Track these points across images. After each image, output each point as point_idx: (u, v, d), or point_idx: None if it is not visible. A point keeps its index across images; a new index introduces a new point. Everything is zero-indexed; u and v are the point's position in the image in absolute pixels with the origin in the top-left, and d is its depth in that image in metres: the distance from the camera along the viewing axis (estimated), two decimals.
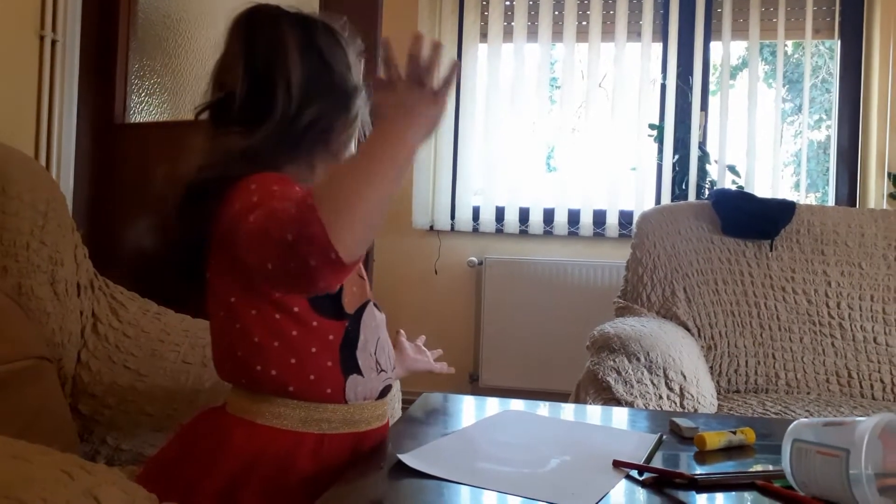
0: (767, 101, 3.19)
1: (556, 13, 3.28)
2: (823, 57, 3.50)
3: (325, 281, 0.84)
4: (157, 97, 2.45)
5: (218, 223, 0.94)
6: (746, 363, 2.22)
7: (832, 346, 2.22)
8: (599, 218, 3.20)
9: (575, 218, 3.22)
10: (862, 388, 2.16)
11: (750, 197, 2.55)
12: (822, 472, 0.79)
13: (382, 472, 0.89)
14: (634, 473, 0.90)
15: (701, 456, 1.01)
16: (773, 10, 3.14)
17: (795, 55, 3.46)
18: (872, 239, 2.33)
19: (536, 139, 3.29)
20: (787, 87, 3.35)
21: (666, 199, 3.16)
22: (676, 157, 3.17)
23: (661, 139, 3.19)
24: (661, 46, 3.23)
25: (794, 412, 1.90)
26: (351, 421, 0.99)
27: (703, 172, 3.17)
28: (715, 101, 3.22)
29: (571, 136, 3.30)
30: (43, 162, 2.01)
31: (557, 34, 3.28)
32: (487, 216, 3.29)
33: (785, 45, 3.18)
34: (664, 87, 3.20)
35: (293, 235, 0.78)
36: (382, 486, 0.87)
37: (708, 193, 3.10)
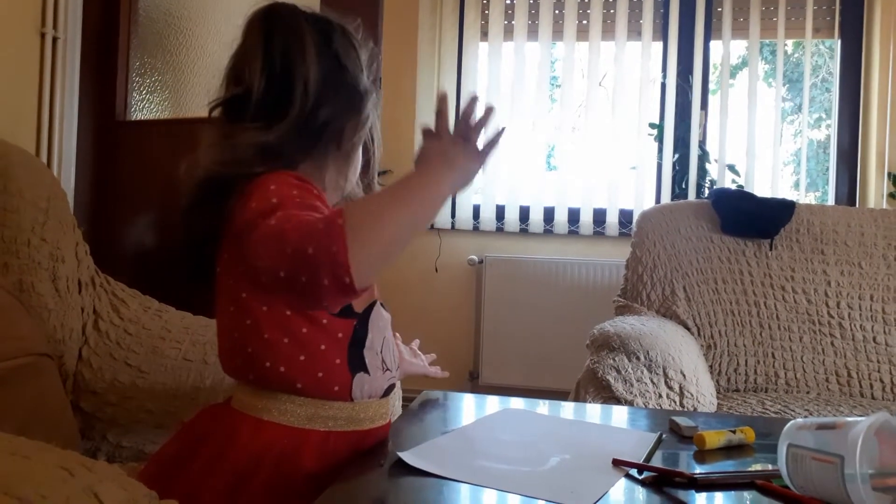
0: (767, 100, 3.19)
1: (556, 12, 3.28)
2: (823, 56, 3.50)
3: (329, 301, 0.88)
4: (158, 94, 2.45)
5: (232, 219, 0.94)
6: (746, 362, 2.22)
7: (832, 345, 2.22)
8: (599, 217, 3.21)
9: (575, 217, 3.22)
10: (861, 387, 2.16)
11: (750, 196, 2.54)
12: (818, 476, 0.79)
13: (382, 469, 0.89)
14: (634, 472, 0.90)
15: (700, 455, 1.01)
16: (773, 9, 3.14)
17: (795, 54, 3.46)
18: (872, 238, 2.33)
19: (537, 138, 3.29)
20: (787, 86, 3.35)
21: (666, 198, 3.16)
22: (676, 156, 3.18)
23: (661, 138, 3.19)
24: (661, 45, 3.23)
25: (793, 411, 1.90)
26: (356, 419, 1.00)
27: (702, 171, 3.17)
28: (715, 100, 3.22)
29: (571, 134, 3.30)
30: (44, 159, 2.01)
31: (558, 33, 3.28)
32: (488, 214, 3.29)
33: (785, 44, 3.18)
34: (664, 86, 3.20)
35: (314, 249, 0.79)
36: (382, 483, 0.87)
37: (708, 192, 3.10)
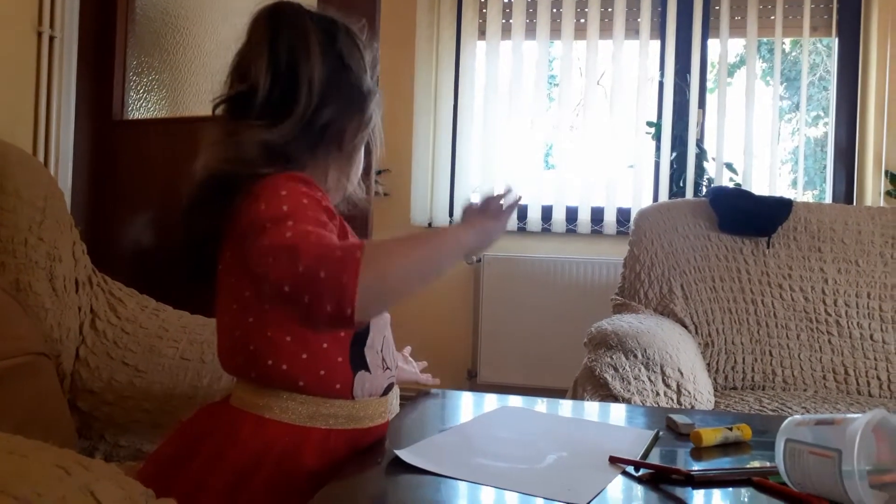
0: (765, 98, 3.19)
1: (554, 11, 3.28)
2: (821, 55, 3.50)
3: (324, 326, 0.91)
4: (155, 94, 2.44)
5: (238, 218, 0.94)
6: (743, 360, 2.23)
7: (829, 343, 2.22)
8: (597, 215, 3.21)
9: (573, 215, 3.22)
10: (858, 384, 2.16)
11: (747, 194, 2.55)
12: (815, 471, 0.79)
13: (380, 467, 0.89)
14: (631, 469, 0.90)
15: (697, 452, 1.01)
16: (770, 7, 3.15)
17: (793, 53, 3.46)
18: (869, 236, 2.34)
19: (534, 136, 3.30)
20: (784, 84, 3.35)
21: (663, 196, 3.16)
22: (674, 154, 3.18)
23: (658, 137, 3.20)
24: (659, 44, 3.23)
25: (790, 409, 1.90)
26: (356, 417, 1.00)
27: (700, 170, 3.17)
28: (712, 98, 3.22)
29: (569, 133, 3.30)
30: (41, 158, 2.01)
31: (556, 32, 3.28)
32: None
33: (783, 42, 3.18)
34: (662, 84, 3.21)
35: (326, 274, 0.80)
36: (380, 481, 0.87)
37: (705, 191, 3.11)
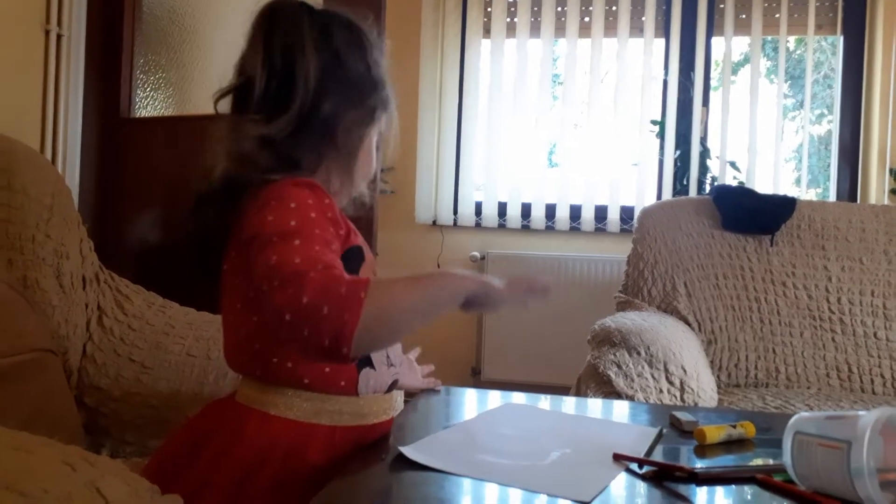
0: (769, 96, 3.19)
1: (558, 9, 3.27)
2: (826, 53, 3.49)
3: (317, 358, 0.93)
4: (161, 92, 2.45)
5: (245, 221, 0.94)
6: (747, 357, 2.23)
7: (832, 340, 2.22)
8: (601, 213, 3.21)
9: (577, 213, 3.22)
10: (862, 382, 2.16)
11: (751, 192, 2.55)
12: (823, 464, 0.79)
13: (384, 464, 0.89)
14: (634, 467, 0.90)
15: (701, 450, 1.01)
16: (775, 5, 3.14)
17: (798, 51, 3.45)
18: (873, 234, 2.34)
19: (539, 135, 3.29)
20: (788, 82, 3.35)
21: (667, 194, 3.16)
22: (678, 152, 3.18)
23: (662, 135, 3.19)
24: (663, 42, 3.23)
25: (794, 406, 1.91)
26: (360, 414, 1.01)
27: (704, 168, 3.17)
28: (716, 96, 3.22)
29: (573, 131, 3.30)
30: (48, 156, 2.02)
31: (560, 30, 3.28)
32: (490, 211, 3.30)
33: (787, 40, 3.17)
34: (666, 82, 3.20)
35: (328, 310, 0.79)
36: (384, 478, 0.87)
37: (709, 189, 3.10)
